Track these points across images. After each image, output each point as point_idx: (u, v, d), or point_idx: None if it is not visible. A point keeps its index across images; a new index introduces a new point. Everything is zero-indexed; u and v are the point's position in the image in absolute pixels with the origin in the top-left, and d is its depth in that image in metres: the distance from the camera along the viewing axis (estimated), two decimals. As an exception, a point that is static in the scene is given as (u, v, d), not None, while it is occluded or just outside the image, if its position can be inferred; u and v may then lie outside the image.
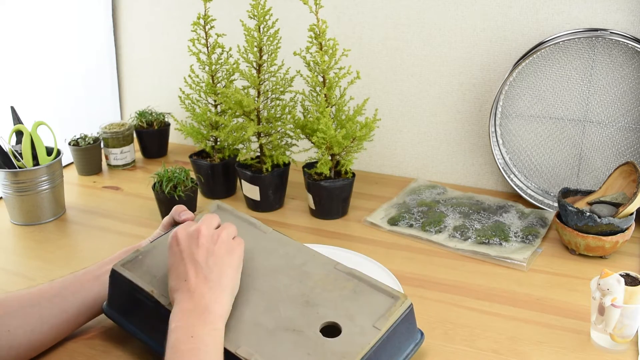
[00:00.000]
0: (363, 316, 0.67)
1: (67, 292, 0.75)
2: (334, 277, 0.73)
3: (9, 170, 1.08)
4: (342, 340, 0.64)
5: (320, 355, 0.62)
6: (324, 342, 0.64)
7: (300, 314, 0.67)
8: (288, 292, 0.71)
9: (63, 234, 1.09)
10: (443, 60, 1.22)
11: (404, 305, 0.69)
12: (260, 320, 0.67)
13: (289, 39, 1.17)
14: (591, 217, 0.94)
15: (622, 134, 1.10)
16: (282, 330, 0.65)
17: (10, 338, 0.70)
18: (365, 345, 0.63)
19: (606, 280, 0.71)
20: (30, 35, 1.33)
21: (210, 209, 0.85)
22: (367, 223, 1.11)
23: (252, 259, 0.76)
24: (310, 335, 0.64)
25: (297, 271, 0.74)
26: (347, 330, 0.65)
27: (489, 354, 0.75)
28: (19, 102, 1.22)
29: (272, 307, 0.69)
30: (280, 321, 0.66)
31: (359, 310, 0.68)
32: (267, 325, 0.66)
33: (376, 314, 0.67)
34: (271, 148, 1.15)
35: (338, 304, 0.69)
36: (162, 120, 1.47)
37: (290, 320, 0.67)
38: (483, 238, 1.02)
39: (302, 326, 0.66)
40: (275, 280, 0.73)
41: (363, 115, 1.09)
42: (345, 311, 0.68)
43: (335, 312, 0.68)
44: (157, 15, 1.48)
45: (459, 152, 1.27)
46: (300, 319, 0.67)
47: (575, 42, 1.07)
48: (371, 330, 0.65)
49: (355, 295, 0.70)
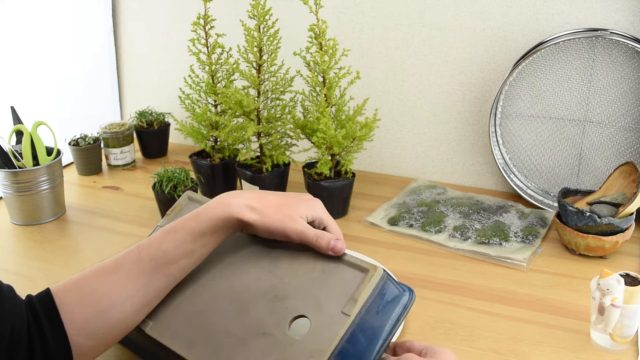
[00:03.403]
0: (332, 302, 0.64)
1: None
2: (304, 257, 0.70)
3: (9, 170, 1.08)
4: (311, 335, 0.62)
5: (291, 358, 0.61)
6: (293, 343, 0.62)
7: (269, 312, 0.66)
8: (258, 287, 0.68)
9: (63, 234, 1.09)
10: (443, 60, 1.22)
11: (374, 279, 0.64)
12: (231, 328, 0.66)
13: (289, 39, 1.17)
14: (591, 217, 0.94)
15: (622, 134, 1.10)
16: (252, 336, 0.64)
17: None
18: (333, 338, 0.60)
19: (606, 280, 0.71)
20: (30, 35, 1.33)
21: (181, 203, 0.83)
22: (367, 223, 1.11)
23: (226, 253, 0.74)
24: (280, 337, 0.63)
25: (266, 259, 0.71)
26: (316, 322, 0.63)
27: (489, 354, 0.75)
28: (19, 102, 1.22)
29: (242, 309, 0.67)
30: (250, 326, 0.65)
31: (328, 294, 0.65)
32: (238, 333, 0.65)
33: (345, 295, 0.64)
34: (271, 148, 1.15)
35: (306, 292, 0.66)
36: (162, 120, 1.47)
37: (260, 323, 0.65)
38: (483, 238, 1.02)
39: (272, 327, 0.64)
40: (245, 275, 0.70)
41: (363, 115, 1.09)
42: (314, 299, 0.65)
43: (304, 302, 0.65)
44: (157, 15, 1.48)
45: (459, 152, 1.27)
46: (270, 319, 0.65)
47: (575, 42, 1.07)
48: (340, 318, 0.62)
49: (324, 276, 0.67)
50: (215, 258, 0.74)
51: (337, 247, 0.67)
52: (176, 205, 0.84)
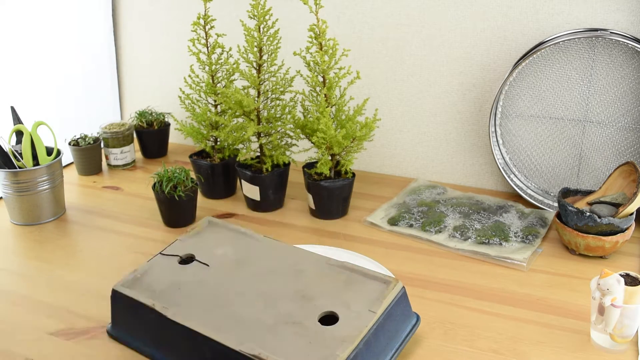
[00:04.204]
0: (358, 302, 0.71)
1: None
2: (327, 271, 0.77)
3: (9, 170, 1.08)
4: (341, 326, 0.67)
5: (321, 342, 0.65)
6: (323, 331, 0.67)
7: (298, 307, 0.71)
8: (285, 290, 0.74)
9: (63, 234, 1.09)
10: (443, 60, 1.22)
11: (396, 289, 0.72)
12: (260, 317, 0.69)
13: (289, 39, 1.17)
14: (591, 217, 0.94)
15: (622, 134, 1.10)
16: (282, 324, 0.68)
17: None
18: (362, 328, 0.66)
19: (606, 280, 0.71)
20: (30, 35, 1.33)
21: (201, 225, 0.89)
22: (367, 223, 1.11)
23: (249, 265, 0.80)
24: (310, 326, 0.68)
25: (291, 270, 0.78)
26: (344, 316, 0.69)
27: (489, 354, 0.75)
28: (19, 102, 1.22)
29: (270, 304, 0.71)
30: (279, 317, 0.69)
31: (353, 297, 0.72)
32: (267, 321, 0.69)
33: (371, 299, 0.71)
34: (271, 148, 1.15)
35: (333, 295, 0.72)
36: (162, 120, 1.47)
37: (289, 315, 0.69)
38: (483, 238, 1.02)
39: (301, 318, 0.69)
40: (271, 281, 0.76)
41: (363, 115, 1.09)
42: (340, 300, 0.71)
43: (332, 301, 0.71)
44: (157, 16, 1.48)
45: (459, 152, 1.27)
46: (299, 312, 0.70)
47: (575, 42, 1.07)
48: (367, 314, 0.69)
49: (348, 285, 0.74)
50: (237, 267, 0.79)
51: None
52: (196, 226, 0.88)
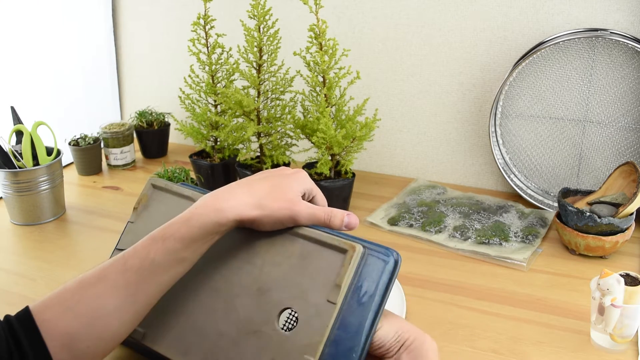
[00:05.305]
0: (316, 290, 0.63)
1: None
2: (280, 241, 0.68)
3: (9, 170, 1.08)
4: (301, 329, 0.61)
5: (285, 355, 0.60)
6: (285, 339, 0.61)
7: (256, 307, 0.65)
8: (240, 281, 0.67)
9: (63, 234, 1.09)
10: (443, 60, 1.22)
11: (354, 260, 0.63)
12: (222, 328, 0.65)
13: (289, 39, 1.17)
14: (591, 217, 0.94)
15: (622, 134, 1.10)
16: (244, 335, 0.64)
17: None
18: (323, 330, 0.60)
19: (606, 280, 0.71)
20: (30, 35, 1.33)
21: (147, 194, 0.79)
22: (367, 223, 1.11)
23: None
24: (271, 334, 0.62)
25: (244, 249, 0.69)
26: (304, 314, 0.62)
27: (489, 354, 0.75)
28: (19, 102, 1.22)
29: (229, 307, 0.66)
30: (240, 324, 0.65)
31: (310, 282, 0.63)
32: (230, 333, 0.65)
33: (328, 281, 0.63)
34: (271, 148, 1.15)
35: (289, 281, 0.65)
36: (162, 120, 1.47)
37: (249, 321, 0.64)
38: (483, 238, 1.02)
39: (261, 324, 0.63)
40: (226, 268, 0.69)
41: (363, 115, 1.09)
42: (297, 288, 0.64)
43: (288, 292, 0.64)
44: (157, 15, 1.48)
45: (459, 152, 1.27)
46: (257, 315, 0.64)
47: (575, 42, 1.07)
48: (326, 306, 0.61)
49: (303, 261, 0.65)
50: None
51: (352, 223, 0.66)
52: (142, 197, 0.79)
